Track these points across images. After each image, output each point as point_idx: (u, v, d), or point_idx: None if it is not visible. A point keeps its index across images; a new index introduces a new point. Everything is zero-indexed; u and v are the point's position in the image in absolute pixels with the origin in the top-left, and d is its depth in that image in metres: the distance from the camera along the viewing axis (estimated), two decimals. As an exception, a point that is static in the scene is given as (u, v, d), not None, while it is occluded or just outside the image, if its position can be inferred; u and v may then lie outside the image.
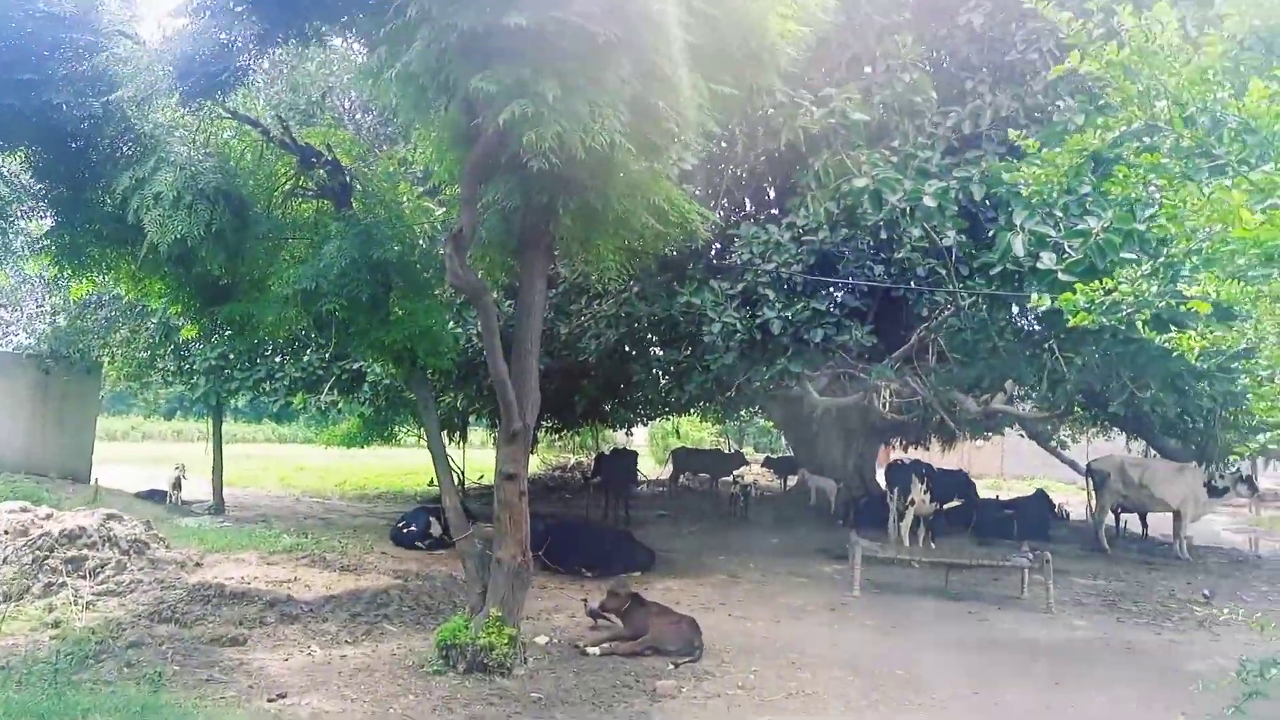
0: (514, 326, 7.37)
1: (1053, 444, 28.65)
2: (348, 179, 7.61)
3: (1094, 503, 17.49)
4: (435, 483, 24.79)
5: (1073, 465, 29.55)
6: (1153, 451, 26.50)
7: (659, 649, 7.87)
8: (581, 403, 14.43)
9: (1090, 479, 17.39)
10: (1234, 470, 17.06)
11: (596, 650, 7.84)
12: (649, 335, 12.48)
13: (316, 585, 10.02)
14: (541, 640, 8.14)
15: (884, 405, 10.02)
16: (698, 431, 47.16)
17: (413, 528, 13.59)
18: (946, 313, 9.13)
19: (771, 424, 38.12)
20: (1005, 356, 8.99)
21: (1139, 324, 4.83)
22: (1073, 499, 25.37)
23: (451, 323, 9.49)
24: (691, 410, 29.83)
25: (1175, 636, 9.57)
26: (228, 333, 10.21)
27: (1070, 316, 4.41)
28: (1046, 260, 6.98)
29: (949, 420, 11.27)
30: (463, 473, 25.46)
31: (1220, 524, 21.70)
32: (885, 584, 11.95)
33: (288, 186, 7.73)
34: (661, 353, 12.12)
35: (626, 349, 12.83)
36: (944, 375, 10.22)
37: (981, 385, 11.48)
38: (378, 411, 18.87)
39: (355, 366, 14.76)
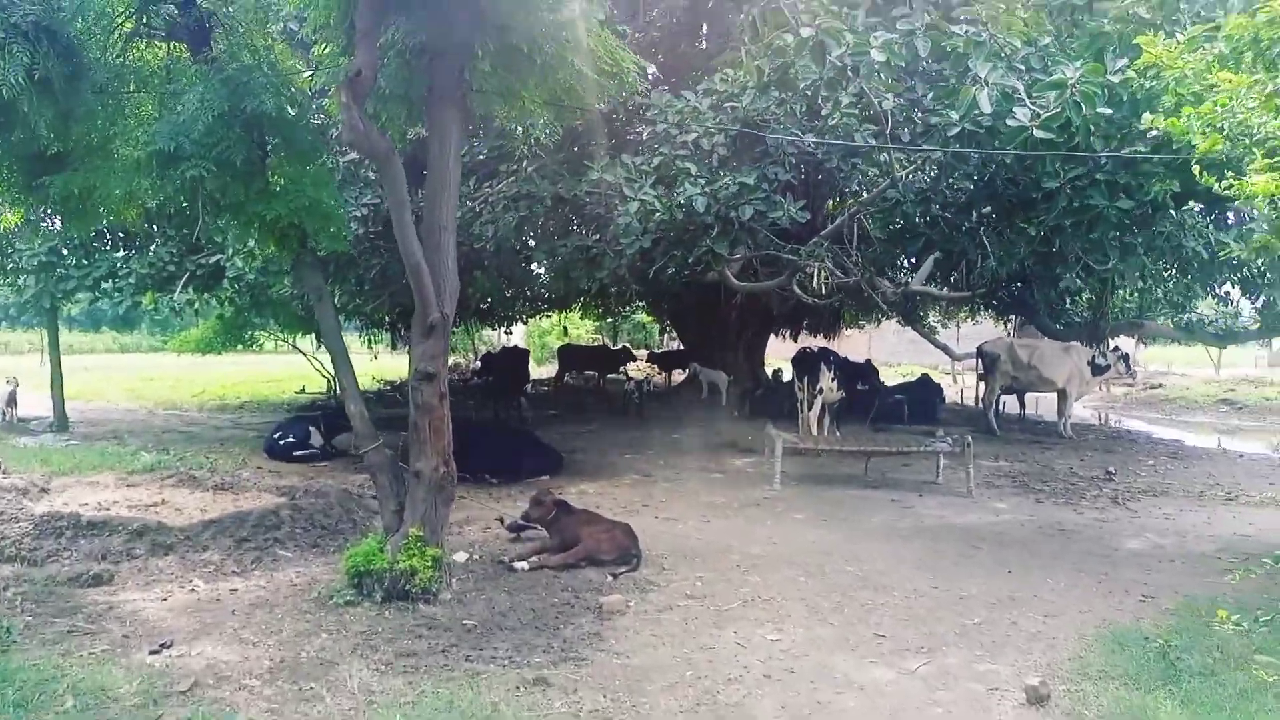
0: (423, 200, 6.25)
1: (925, 329, 29.33)
2: (204, 17, 6.16)
3: (984, 384, 17.75)
4: (306, 389, 23.12)
5: (945, 349, 30.37)
6: (1008, 332, 27.43)
7: (594, 559, 7.16)
8: (475, 297, 13.24)
9: (981, 361, 17.60)
10: (1114, 349, 17.57)
11: (525, 565, 7.06)
12: (552, 219, 11.40)
13: (189, 508, 8.80)
14: (461, 558, 7.29)
15: (820, 286, 9.40)
16: (575, 328, 46.44)
17: (290, 438, 12.36)
18: (884, 184, 8.47)
19: (650, 318, 37.66)
20: (945, 230, 8.47)
21: (1195, 168, 4.25)
22: (940, 381, 25.96)
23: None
24: (575, 306, 28.95)
25: (1098, 515, 9.56)
26: (59, 219, 8.59)
27: (1200, 141, 3.72)
28: (1021, 115, 6.34)
29: (880, 303, 10.79)
30: (331, 378, 23.94)
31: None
32: (802, 475, 11.62)
33: (128, 27, 6.22)
34: (566, 238, 11.07)
35: (526, 235, 11.74)
36: (871, 254, 9.66)
37: (900, 265, 11.02)
38: (237, 312, 17.19)
39: (213, 260, 13.10)
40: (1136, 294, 16.73)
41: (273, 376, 27.43)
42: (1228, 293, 17.50)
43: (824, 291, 9.40)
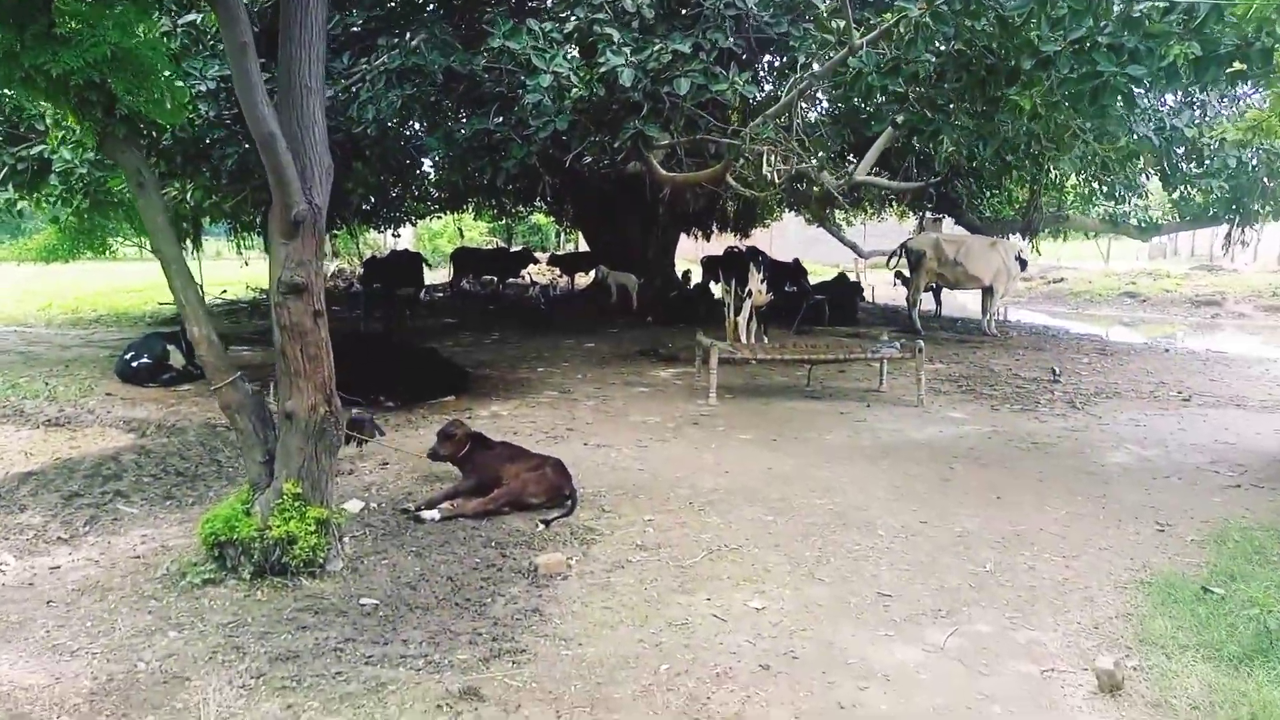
0: (278, 61, 4.66)
1: (832, 226, 28.66)
2: None
3: (909, 282, 17.00)
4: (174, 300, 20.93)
5: (853, 247, 29.89)
6: (920, 229, 26.99)
7: (520, 504, 5.93)
8: (356, 192, 11.45)
9: (905, 258, 16.80)
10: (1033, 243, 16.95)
11: (435, 514, 5.77)
12: (445, 99, 9.72)
13: (10, 452, 7.19)
14: (355, 507, 5.95)
15: (770, 175, 8.06)
16: (469, 230, 44.31)
17: (145, 359, 10.57)
18: (840, 53, 7.19)
19: (548, 219, 35.91)
20: (917, 106, 7.29)
21: None
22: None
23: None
24: (468, 206, 27.05)
25: (1064, 424, 8.79)
26: None
27: None
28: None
29: (837, 195, 9.51)
30: (201, 289, 21.67)
31: (966, 296, 20.99)
32: (735, 387, 10.56)
33: None
34: (463, 123, 9.44)
35: (414, 119, 10.05)
36: (820, 139, 8.41)
37: (845, 152, 9.83)
38: (79, 215, 14.87)
39: (37, 151, 10.94)
40: (1059, 188, 16.02)
41: (134, 287, 24.80)
42: (1143, 184, 17.02)
43: (774, 181, 8.12)
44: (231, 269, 24.61)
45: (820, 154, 8.51)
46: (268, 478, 4.83)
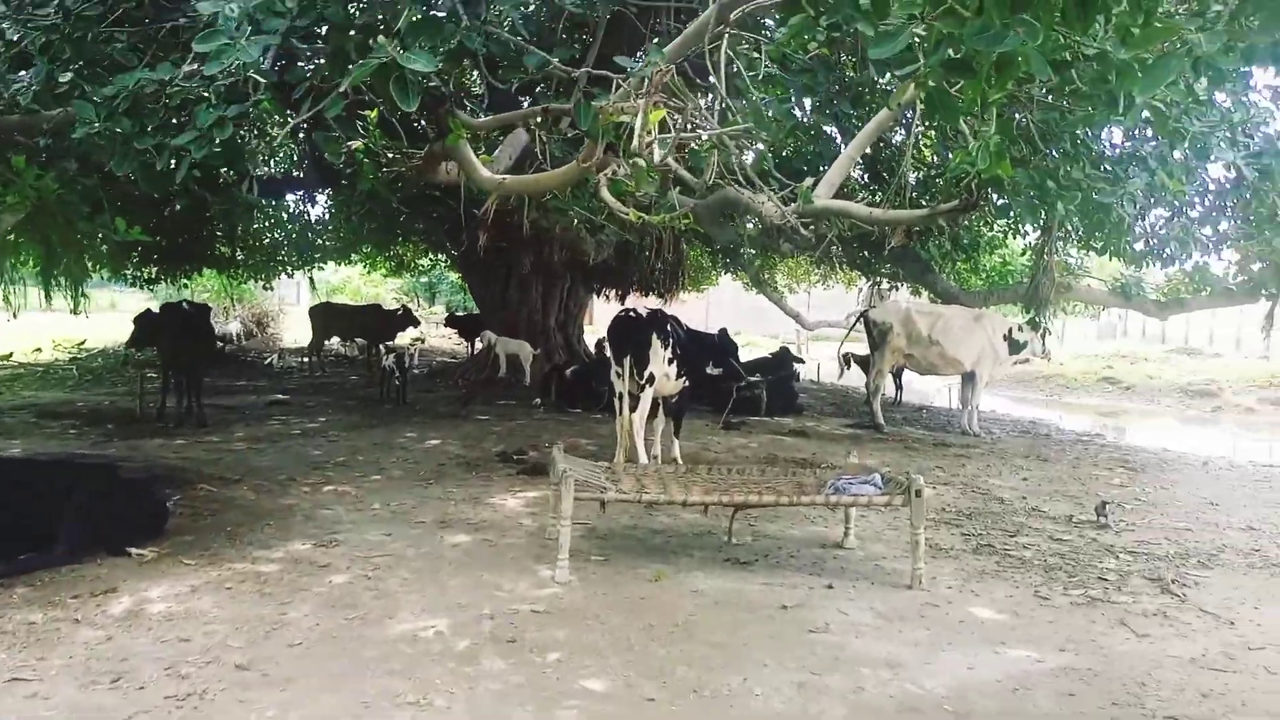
0: None
1: (771, 292, 25.50)
2: None
3: (868, 364, 13.24)
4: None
5: (796, 318, 26.38)
6: (871, 297, 23.64)
7: None
8: (3, 201, 6.99)
9: (868, 333, 13.03)
10: (1035, 318, 13.35)
11: None
12: (114, 37, 5.67)
13: None
14: None
15: (652, 152, 3.77)
16: (374, 287, 40.09)
17: None
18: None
19: (455, 271, 31.73)
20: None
21: None
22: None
23: None
24: (360, 256, 23.02)
25: (1187, 644, 4.80)
26: None
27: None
28: None
29: (799, 229, 5.21)
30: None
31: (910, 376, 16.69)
32: (611, 535, 6.49)
33: None
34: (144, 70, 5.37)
35: (63, 69, 5.93)
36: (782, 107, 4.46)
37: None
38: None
39: None
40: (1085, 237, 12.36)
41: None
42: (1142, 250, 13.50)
43: (668, 172, 3.92)
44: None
45: (766, 137, 4.46)
46: None
